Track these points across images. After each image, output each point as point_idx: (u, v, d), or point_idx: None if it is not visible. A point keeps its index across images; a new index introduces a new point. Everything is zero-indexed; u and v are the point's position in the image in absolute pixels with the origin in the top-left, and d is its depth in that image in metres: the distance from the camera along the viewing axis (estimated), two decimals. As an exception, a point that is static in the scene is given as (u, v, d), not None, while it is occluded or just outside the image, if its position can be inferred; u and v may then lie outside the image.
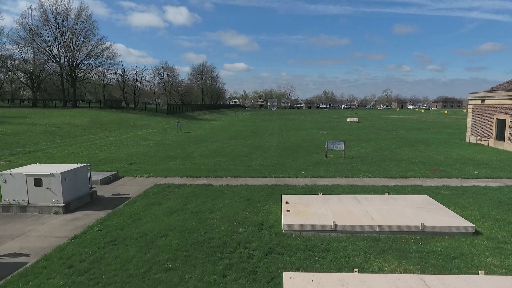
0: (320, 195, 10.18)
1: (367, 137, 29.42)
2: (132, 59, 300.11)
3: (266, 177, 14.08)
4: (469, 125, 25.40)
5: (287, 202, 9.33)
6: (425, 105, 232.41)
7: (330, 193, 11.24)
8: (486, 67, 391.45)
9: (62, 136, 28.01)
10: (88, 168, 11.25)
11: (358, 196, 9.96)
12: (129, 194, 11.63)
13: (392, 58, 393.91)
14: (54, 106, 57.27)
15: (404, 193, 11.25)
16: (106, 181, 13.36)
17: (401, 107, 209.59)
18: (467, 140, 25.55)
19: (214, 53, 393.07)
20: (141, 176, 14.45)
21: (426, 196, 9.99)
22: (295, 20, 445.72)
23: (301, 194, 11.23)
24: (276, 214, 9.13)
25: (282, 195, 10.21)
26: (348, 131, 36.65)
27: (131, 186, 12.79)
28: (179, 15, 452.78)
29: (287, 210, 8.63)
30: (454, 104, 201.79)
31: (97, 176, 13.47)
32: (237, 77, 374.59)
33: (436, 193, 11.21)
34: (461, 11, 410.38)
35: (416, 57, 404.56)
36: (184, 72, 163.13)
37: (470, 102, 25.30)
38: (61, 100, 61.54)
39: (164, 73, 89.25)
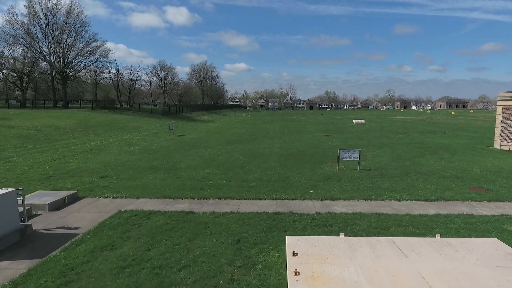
0: (342, 237, 7.07)
1: (380, 142, 26.30)
2: (133, 59, 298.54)
3: (265, 199, 11.00)
4: (498, 129, 22.26)
5: (294, 254, 6.22)
6: (429, 105, 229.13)
7: (353, 228, 8.17)
8: (488, 67, 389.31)
9: (38, 140, 25.01)
10: (20, 193, 8.21)
11: (397, 240, 6.84)
12: (78, 228, 8.57)
13: (393, 59, 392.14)
14: (43, 106, 54.47)
15: (454, 228, 8.18)
16: (57, 206, 10.31)
17: (405, 107, 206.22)
18: (496, 146, 22.41)
19: (215, 54, 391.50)
20: (106, 197, 11.39)
21: (496, 241, 6.86)
22: (296, 20, 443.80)
23: (312, 229, 8.17)
24: (278, 273, 6.07)
25: (287, 238, 7.09)
26: (356, 134, 33.53)
27: (87, 213, 9.74)
28: (179, 15, 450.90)
29: (296, 273, 5.52)
30: (459, 104, 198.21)
31: (46, 198, 10.42)
32: (238, 77, 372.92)
33: (500, 230, 8.12)
34: (462, 11, 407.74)
35: (417, 58, 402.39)
36: (185, 72, 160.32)
37: (499, 102, 22.18)
38: (51, 100, 58.71)
39: (162, 72, 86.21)
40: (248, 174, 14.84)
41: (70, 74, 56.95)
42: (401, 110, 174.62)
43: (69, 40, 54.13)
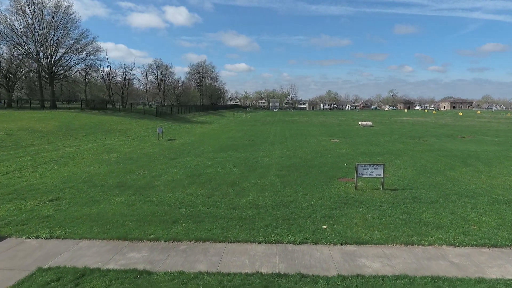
0: None
1: (396, 149, 22.97)
2: (134, 59, 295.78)
3: (260, 243, 7.72)
4: (538, 135, 18.90)
5: None
6: (432, 106, 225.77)
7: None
8: (489, 67, 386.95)
9: (2, 147, 21.76)
10: None
11: None
12: (-46, 310, 5.30)
13: (394, 59, 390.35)
14: (29, 107, 51.34)
15: None
16: (-46, 256, 7.03)
17: (408, 108, 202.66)
18: (536, 155, 19.05)
19: (215, 54, 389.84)
20: (37, 237, 8.11)
21: None
22: (296, 20, 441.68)
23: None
24: None
25: None
26: (365, 138, 30.20)
27: (-9, 273, 6.46)
28: (178, 15, 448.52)
29: None
30: (464, 105, 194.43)
31: None
32: (239, 77, 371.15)
33: None
34: (463, 12, 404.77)
35: (418, 58, 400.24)
36: (185, 72, 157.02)
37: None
38: (39, 100, 55.59)
39: (158, 71, 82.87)
40: (240, 195, 11.55)
41: (58, 73, 53.77)
42: (405, 110, 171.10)
43: (56, 37, 50.96)
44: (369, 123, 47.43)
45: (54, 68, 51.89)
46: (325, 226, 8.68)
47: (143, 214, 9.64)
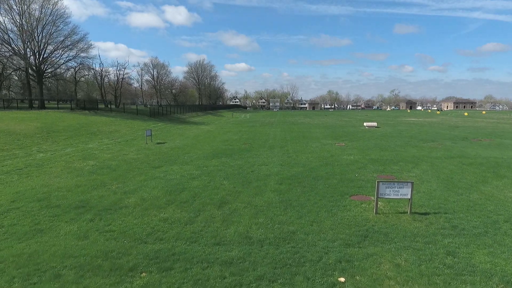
0: None
1: (410, 155, 20.37)
2: (134, 59, 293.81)
3: (249, 314, 5.16)
4: None
5: None
6: (435, 106, 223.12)
7: None
8: (489, 67, 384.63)
9: (-35, 152, 19.21)
10: None
11: None
12: None
13: (394, 59, 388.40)
14: (16, 107, 48.78)
15: None
16: None
17: (410, 108, 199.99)
18: None
19: (215, 53, 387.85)
20: None
21: None
22: (296, 20, 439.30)
23: None
24: None
25: None
26: (374, 142, 27.58)
27: None
28: (178, 15, 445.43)
29: None
30: (467, 105, 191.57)
31: None
32: (239, 77, 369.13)
33: None
34: (463, 11, 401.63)
35: (418, 58, 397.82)
36: (183, 72, 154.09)
37: None
38: (28, 99, 53.03)
39: (154, 70, 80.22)
40: (228, 222, 8.99)
41: (48, 71, 51.19)
42: (408, 110, 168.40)
43: (45, 33, 48.36)
44: (374, 124, 44.84)
45: (42, 66, 49.31)
46: (342, 279, 6.12)
47: (92, 255, 7.08)
